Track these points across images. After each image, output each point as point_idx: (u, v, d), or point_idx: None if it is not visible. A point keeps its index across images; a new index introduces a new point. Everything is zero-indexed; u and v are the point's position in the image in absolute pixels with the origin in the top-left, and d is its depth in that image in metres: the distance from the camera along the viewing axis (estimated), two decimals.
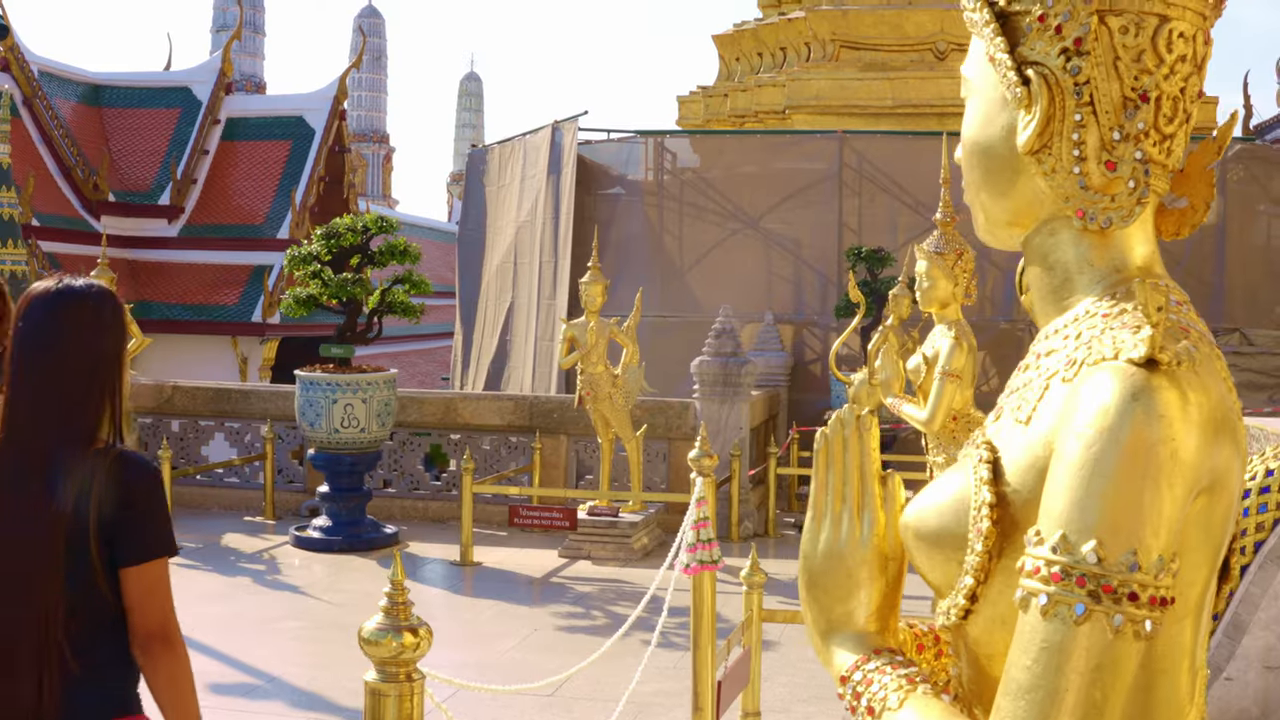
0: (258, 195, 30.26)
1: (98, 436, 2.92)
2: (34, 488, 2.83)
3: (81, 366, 2.94)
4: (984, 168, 1.67)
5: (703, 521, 5.40)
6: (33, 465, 2.86)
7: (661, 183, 19.70)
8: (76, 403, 2.92)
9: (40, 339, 2.93)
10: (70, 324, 2.95)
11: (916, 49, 22.21)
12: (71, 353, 2.93)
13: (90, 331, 2.96)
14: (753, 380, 13.79)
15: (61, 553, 2.80)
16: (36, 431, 2.89)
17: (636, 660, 8.20)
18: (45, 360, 2.93)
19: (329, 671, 8.32)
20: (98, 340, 2.97)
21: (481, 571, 11.58)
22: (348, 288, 12.25)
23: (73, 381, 2.92)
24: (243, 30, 35.79)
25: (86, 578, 2.83)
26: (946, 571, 1.58)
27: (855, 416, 1.72)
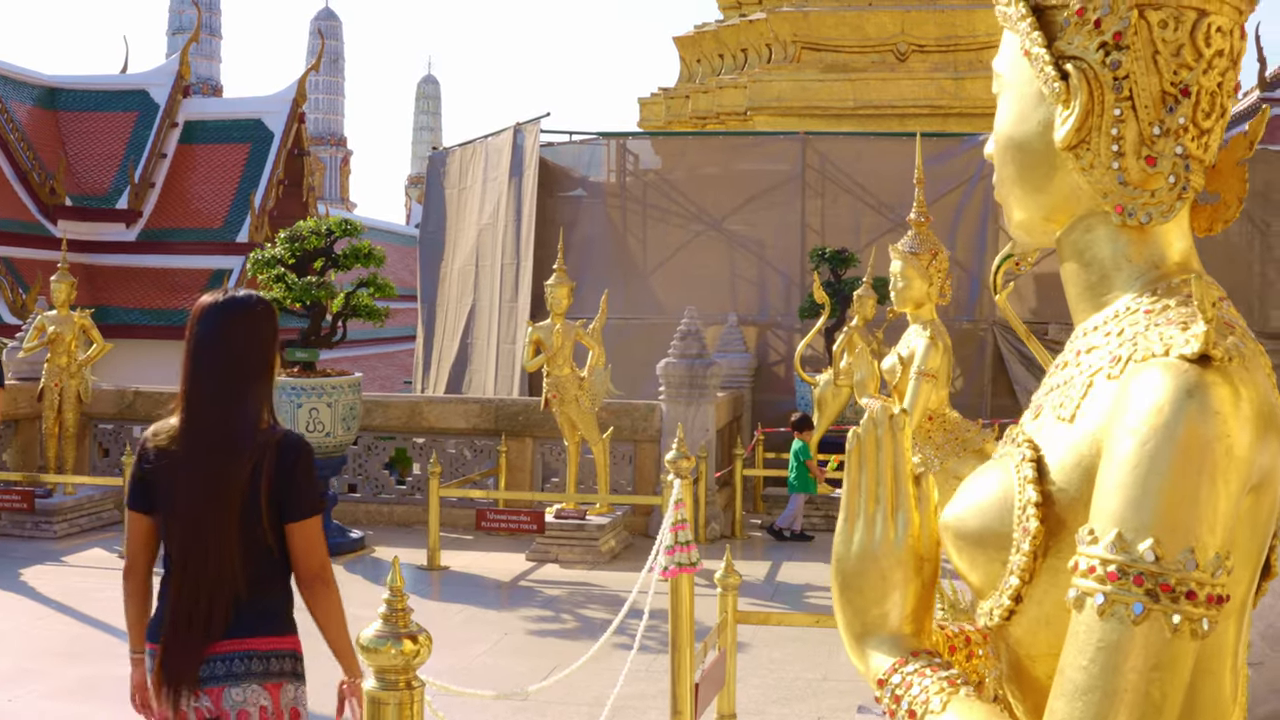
0: (216, 199, 30.07)
1: (263, 420, 3.74)
2: (215, 463, 3.66)
3: (248, 364, 3.75)
4: (1019, 163, 1.65)
5: (681, 523, 5.38)
6: (213, 445, 3.68)
7: (624, 185, 19.66)
8: (246, 394, 3.73)
9: (214, 342, 3.76)
10: (238, 329, 3.76)
11: (878, 50, 22.26)
12: (240, 353, 3.75)
13: (254, 335, 3.77)
14: (718, 382, 13.78)
15: (238, 512, 3.65)
16: (215, 418, 3.70)
17: (609, 664, 8.19)
18: (219, 360, 3.75)
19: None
20: (259, 342, 3.79)
21: (449, 576, 11.53)
22: (312, 291, 12.16)
23: (242, 377, 3.74)
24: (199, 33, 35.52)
25: (255, 531, 3.67)
26: (989, 572, 1.56)
27: (888, 415, 1.70)
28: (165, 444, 3.79)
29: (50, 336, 13.19)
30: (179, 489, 3.72)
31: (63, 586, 10.78)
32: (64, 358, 13.26)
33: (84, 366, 13.44)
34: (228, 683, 3.67)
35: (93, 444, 14.84)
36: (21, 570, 11.37)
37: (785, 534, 13.33)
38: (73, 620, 9.74)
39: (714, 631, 6.33)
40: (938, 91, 21.73)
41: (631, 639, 9.31)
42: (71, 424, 13.39)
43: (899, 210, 18.03)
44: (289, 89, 31.64)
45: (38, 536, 12.79)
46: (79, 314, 13.42)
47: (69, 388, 13.29)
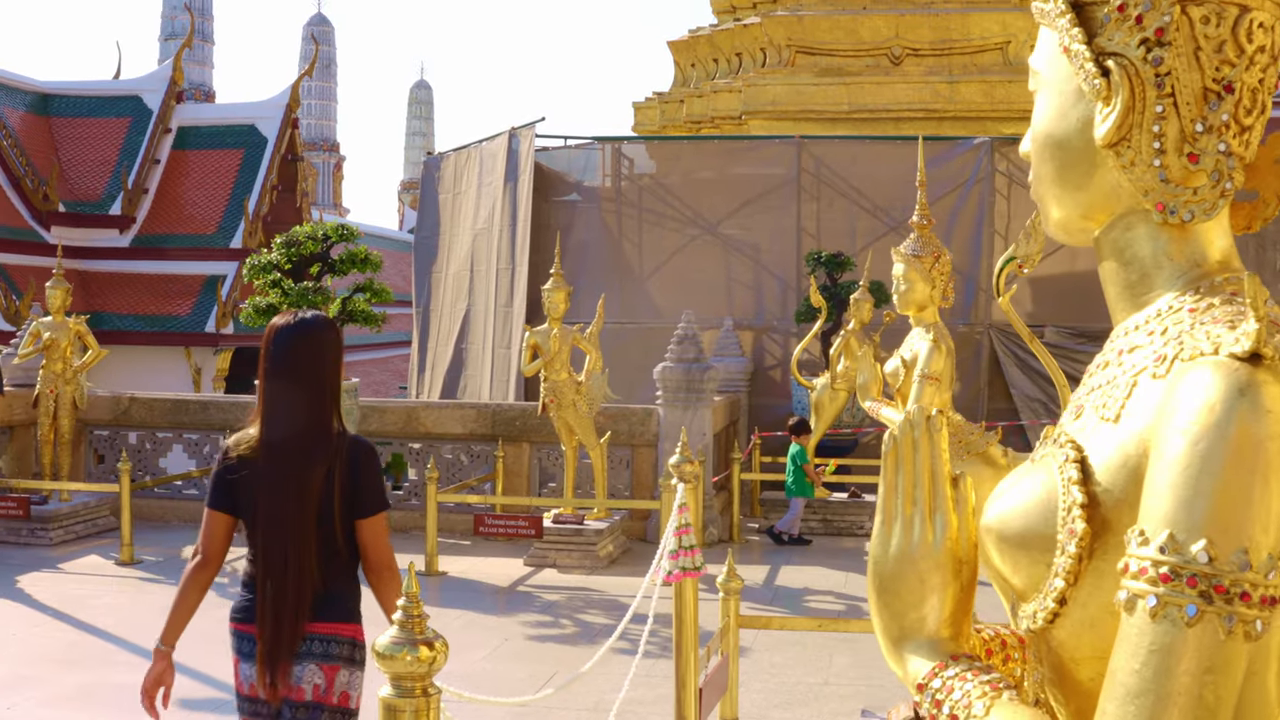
0: (210, 204, 29.98)
1: (333, 427, 4.19)
2: (292, 470, 4.10)
3: (319, 379, 4.19)
4: (1058, 161, 1.63)
5: (685, 528, 5.35)
6: (290, 453, 4.12)
7: (619, 189, 19.65)
8: (319, 406, 4.18)
9: (286, 360, 4.18)
10: (308, 347, 4.19)
11: (872, 54, 22.25)
12: (309, 368, 4.18)
13: (322, 352, 4.21)
14: (715, 386, 13.77)
15: (314, 511, 4.10)
16: (290, 427, 4.14)
17: (608, 669, 8.17)
18: (292, 375, 4.16)
19: None
20: (327, 359, 4.23)
21: (447, 581, 11.49)
22: (308, 296, 12.13)
23: (314, 390, 4.17)
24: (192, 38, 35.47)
25: (330, 527, 4.12)
26: (1032, 574, 1.54)
27: (925, 417, 1.68)
28: (247, 453, 4.21)
29: (45, 343, 13.16)
30: (261, 494, 4.16)
31: (59, 593, 10.74)
32: (59, 364, 13.22)
33: (79, 373, 13.40)
34: (297, 659, 4.15)
35: (88, 450, 14.81)
36: (17, 577, 11.32)
37: (784, 538, 13.31)
38: (69, 627, 9.70)
39: (716, 636, 6.30)
40: (932, 95, 21.73)
41: (632, 644, 9.29)
42: (67, 430, 13.36)
43: (894, 214, 18.05)
44: (282, 94, 31.56)
45: (33, 543, 12.74)
46: (74, 320, 13.38)
47: (64, 394, 13.25)
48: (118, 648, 9.08)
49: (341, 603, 4.25)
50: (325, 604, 4.18)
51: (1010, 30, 21.85)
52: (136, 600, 10.59)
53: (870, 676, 8.34)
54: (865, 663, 8.57)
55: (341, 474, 4.14)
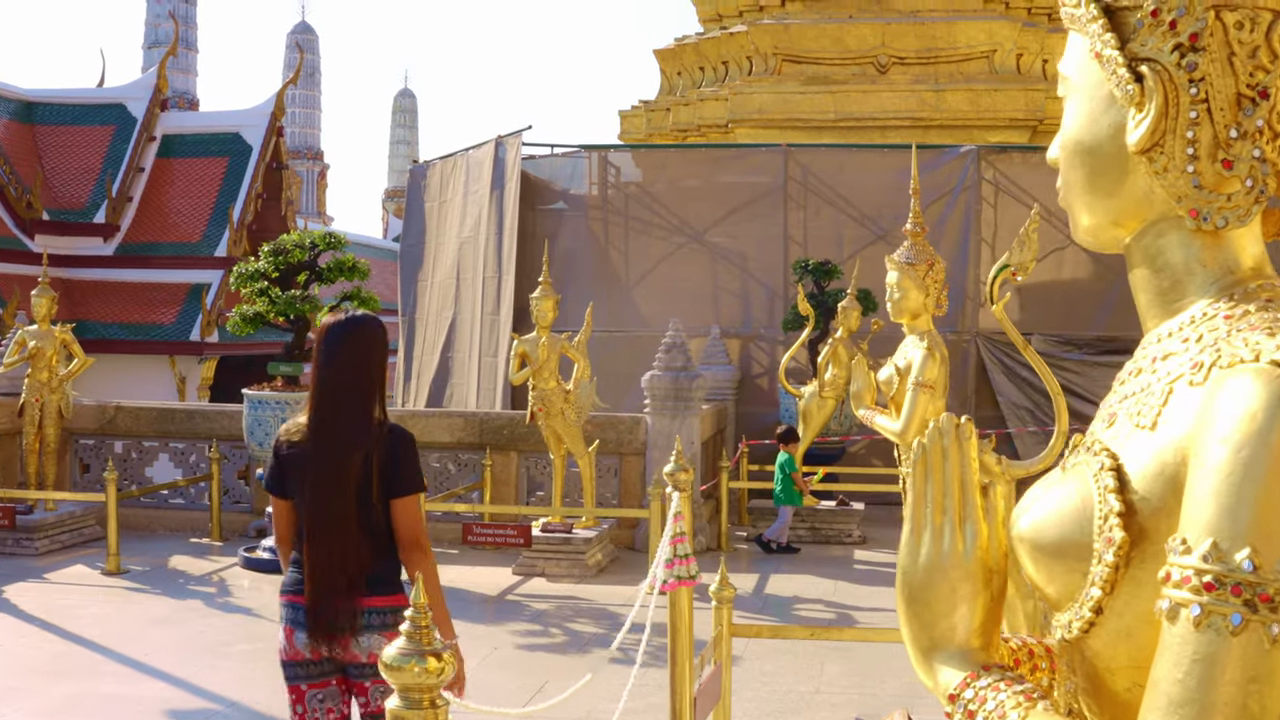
0: (195, 213, 29.93)
1: (375, 418, 4.57)
2: (336, 455, 4.50)
3: (365, 373, 4.59)
4: (1089, 168, 1.62)
5: (680, 537, 5.33)
6: (338, 439, 4.51)
7: (605, 197, 19.63)
8: (364, 397, 4.56)
9: (334, 356, 4.59)
10: (356, 344, 4.60)
11: (858, 62, 22.27)
12: (356, 364, 4.59)
13: (368, 348, 4.62)
14: (703, 394, 13.75)
15: (355, 495, 4.49)
16: (339, 417, 4.54)
17: (599, 678, 8.14)
18: (341, 370, 4.58)
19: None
20: (372, 354, 4.64)
21: None
22: (296, 305, 12.10)
23: (361, 383, 4.58)
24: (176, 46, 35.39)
25: (370, 507, 4.53)
26: (1068, 583, 1.52)
27: (954, 425, 1.66)
28: (296, 439, 4.61)
29: (31, 351, 13.10)
30: (307, 476, 4.55)
31: (45, 604, 10.68)
32: (45, 373, 13.16)
33: (65, 382, 13.34)
34: (359, 631, 4.56)
35: (74, 460, 14.74)
36: (3, 588, 11.25)
37: (772, 546, 13.29)
38: (56, 638, 9.64)
39: (710, 645, 6.28)
40: (918, 103, 21.75)
41: (622, 653, 9.28)
42: (52, 439, 13.29)
43: (881, 222, 18.07)
44: (267, 102, 31.51)
45: (19, 553, 12.67)
46: (60, 329, 13.32)
47: (50, 403, 13.19)
48: (105, 658, 9.03)
49: (390, 578, 4.66)
50: (377, 580, 4.59)
51: (996, 39, 21.89)
52: (123, 610, 10.54)
53: (862, 685, 8.32)
54: (856, 671, 8.56)
55: (380, 458, 4.53)
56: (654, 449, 13.34)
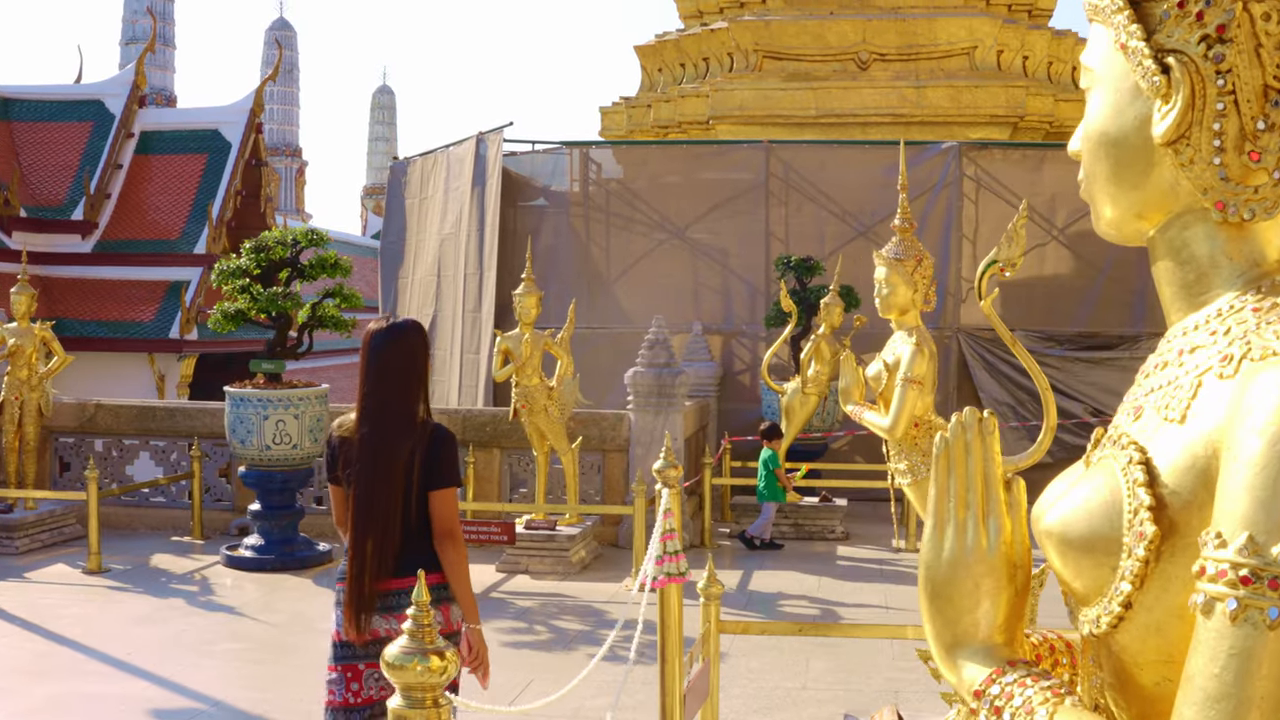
0: (173, 210, 29.76)
1: (419, 415, 4.96)
2: (381, 448, 4.88)
3: (408, 376, 4.95)
4: (1114, 159, 1.60)
5: (670, 533, 5.31)
6: (384, 437, 4.88)
7: (587, 194, 19.60)
8: (407, 397, 4.94)
9: (379, 359, 4.94)
10: (396, 348, 4.96)
11: (839, 59, 22.27)
12: (399, 366, 4.94)
13: (410, 352, 4.99)
14: (686, 391, 13.73)
15: (400, 485, 4.88)
16: (384, 416, 4.91)
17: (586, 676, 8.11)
18: (385, 373, 4.92)
19: (273, 693, 8.15)
20: (412, 357, 4.99)
21: None
22: (278, 302, 12.05)
23: (401, 383, 4.94)
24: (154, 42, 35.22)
25: (410, 497, 4.91)
26: (1096, 578, 1.51)
27: (976, 419, 1.65)
28: (347, 434, 5.02)
29: (10, 349, 13.02)
30: (356, 469, 4.94)
31: (26, 603, 10.61)
32: (24, 370, 13.08)
33: (45, 379, 13.27)
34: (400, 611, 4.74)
35: (53, 458, 14.65)
36: None
37: (756, 543, 13.29)
38: (38, 637, 9.58)
39: (698, 642, 6.26)
40: (899, 100, 21.76)
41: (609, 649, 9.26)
42: (32, 438, 13.22)
43: (863, 218, 18.09)
44: (246, 99, 31.35)
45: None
46: (39, 326, 13.23)
47: (29, 401, 13.12)
48: (87, 657, 8.97)
49: (425, 564, 4.78)
50: (415, 565, 4.71)
51: (977, 35, 21.91)
52: (105, 610, 10.48)
53: (848, 681, 8.32)
54: (842, 667, 8.56)
55: (422, 453, 4.91)
56: (637, 445, 13.33)
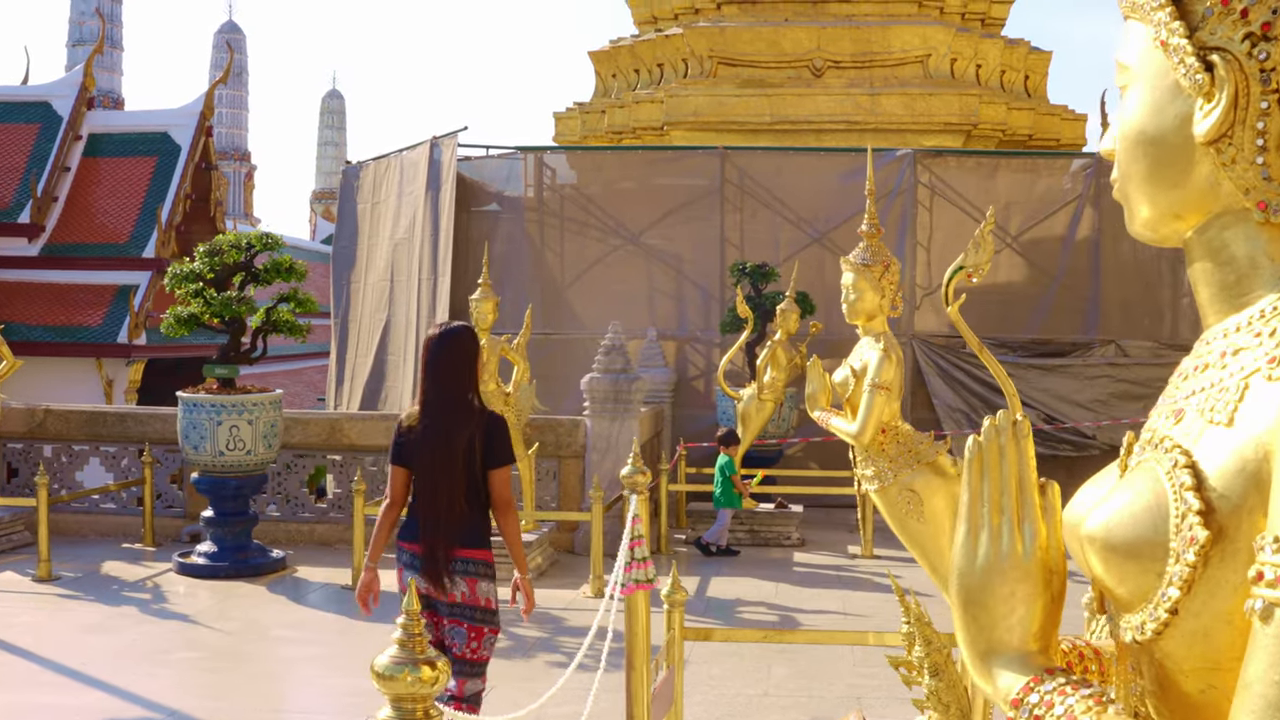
0: (122, 213, 29.43)
1: (473, 405, 6.03)
2: (441, 435, 5.93)
3: (460, 373, 6.04)
4: (1152, 159, 1.58)
5: (638, 539, 5.28)
6: (443, 427, 5.94)
7: (541, 199, 19.55)
8: (461, 392, 6.03)
9: (435, 359, 6.03)
10: (450, 350, 6.04)
11: (794, 66, 22.30)
12: (453, 365, 6.02)
13: (462, 353, 6.08)
14: (642, 397, 13.71)
15: (460, 466, 5.90)
16: (442, 408, 6.00)
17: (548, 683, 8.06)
18: (441, 372, 6.03)
19: (230, 702, 8.06)
20: (464, 357, 6.07)
21: None
22: (231, 306, 11.93)
23: (457, 381, 6.04)
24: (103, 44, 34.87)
25: (470, 475, 5.93)
26: (1141, 584, 1.48)
27: (1011, 422, 1.62)
28: (412, 423, 6.04)
29: None
30: (420, 452, 5.95)
31: None
32: None
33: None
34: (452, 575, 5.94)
35: (1, 464, 14.45)
36: None
37: (712, 549, 13.27)
38: None
39: (663, 649, 6.23)
40: (853, 107, 21.82)
41: (568, 657, 9.20)
42: None
43: (817, 225, 18.13)
44: (196, 102, 31.06)
45: None
46: None
47: None
48: (40, 667, 8.83)
49: (478, 533, 6.01)
50: (468, 535, 5.96)
51: (931, 43, 22.00)
52: (55, 618, 10.34)
53: (810, 688, 8.31)
54: (803, 673, 8.54)
55: (479, 438, 5.92)
56: (593, 451, 13.29)
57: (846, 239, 17.77)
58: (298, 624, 10.32)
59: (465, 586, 5.96)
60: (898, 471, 5.67)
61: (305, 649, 9.58)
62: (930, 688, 4.47)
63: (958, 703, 4.48)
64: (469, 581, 5.95)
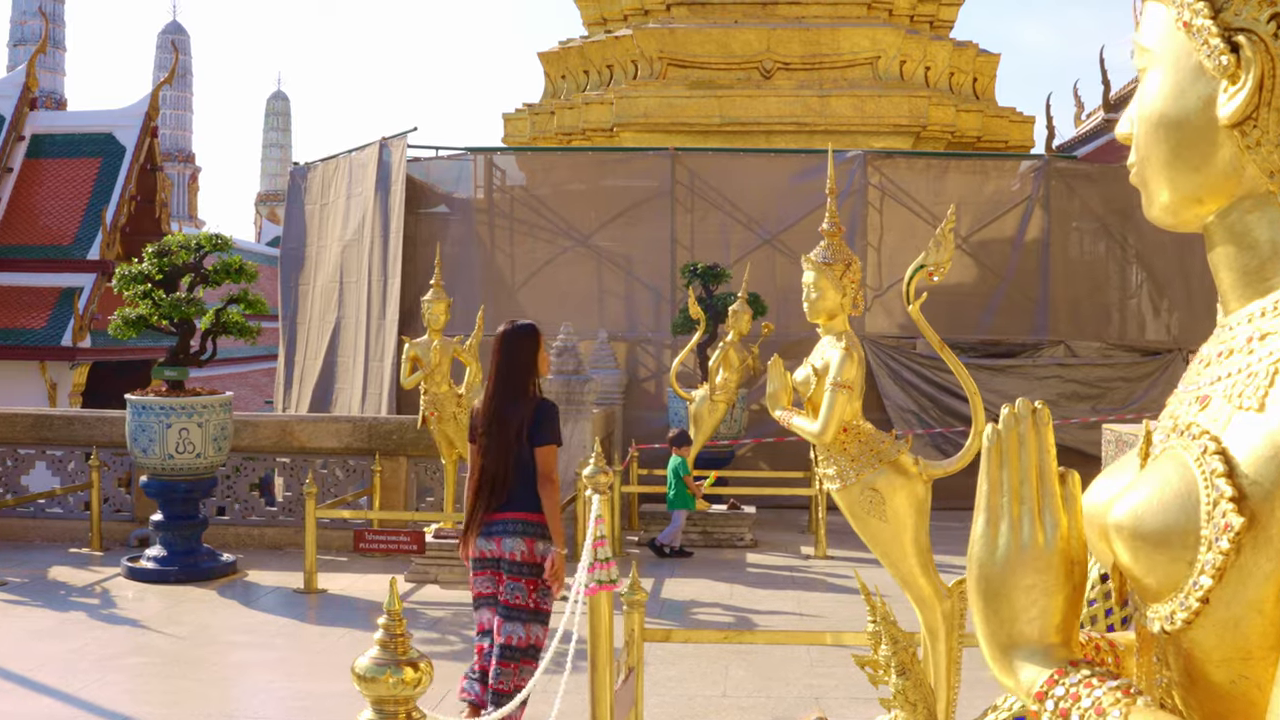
0: (66, 215, 29.12)
1: (529, 392, 6.88)
2: (501, 419, 6.78)
3: (519, 363, 6.88)
4: (1175, 142, 1.56)
5: (601, 540, 5.25)
6: (501, 409, 6.80)
7: (491, 200, 19.47)
8: (519, 381, 6.87)
9: (503, 352, 6.88)
10: (514, 344, 6.90)
11: (743, 67, 22.32)
12: (514, 358, 6.88)
13: (522, 347, 6.91)
14: (594, 398, 13.67)
15: (515, 441, 6.74)
16: (505, 395, 6.84)
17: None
18: (508, 362, 6.87)
19: (184, 708, 7.96)
20: (526, 351, 6.91)
21: (327, 599, 11.25)
22: (181, 308, 11.81)
23: (517, 371, 6.88)
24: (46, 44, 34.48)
25: (520, 452, 6.74)
26: (1171, 573, 1.46)
27: (1030, 409, 1.59)
28: (481, 407, 6.94)
29: None
30: (485, 430, 6.84)
31: None
32: None
33: None
34: (504, 536, 6.74)
35: None
36: None
37: (666, 550, 13.25)
38: None
39: (623, 651, 6.19)
40: (803, 109, 21.86)
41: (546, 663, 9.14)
42: None
43: (768, 226, 18.16)
44: (141, 102, 30.76)
45: None
46: None
47: None
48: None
49: (531, 498, 6.79)
50: (522, 500, 6.77)
51: (880, 45, 22.07)
52: (3, 624, 10.17)
53: (767, 689, 8.30)
54: (761, 674, 8.53)
55: (530, 419, 6.79)
56: None
57: (797, 240, 17.80)
58: (249, 628, 10.21)
59: (523, 545, 6.71)
60: (859, 471, 5.64)
61: (257, 653, 9.49)
62: (897, 686, 4.45)
63: (924, 701, 4.47)
64: (527, 541, 6.72)
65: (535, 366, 6.94)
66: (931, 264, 5.57)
